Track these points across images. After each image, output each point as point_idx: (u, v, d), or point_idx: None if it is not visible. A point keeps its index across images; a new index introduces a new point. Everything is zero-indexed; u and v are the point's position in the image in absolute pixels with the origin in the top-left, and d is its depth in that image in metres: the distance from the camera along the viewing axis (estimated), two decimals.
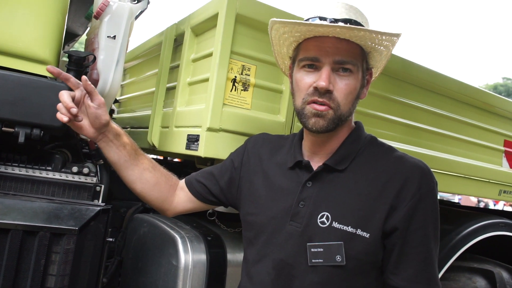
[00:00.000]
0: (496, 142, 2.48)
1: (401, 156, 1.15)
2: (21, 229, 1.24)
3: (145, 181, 1.33)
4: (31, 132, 1.36)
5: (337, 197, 1.12)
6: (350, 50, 1.10)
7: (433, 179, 1.11)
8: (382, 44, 1.11)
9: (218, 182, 1.35)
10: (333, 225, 1.09)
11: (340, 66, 1.10)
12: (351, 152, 1.17)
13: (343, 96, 1.10)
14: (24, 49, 1.37)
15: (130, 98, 2.66)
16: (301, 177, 1.19)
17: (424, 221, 1.07)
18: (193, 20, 1.76)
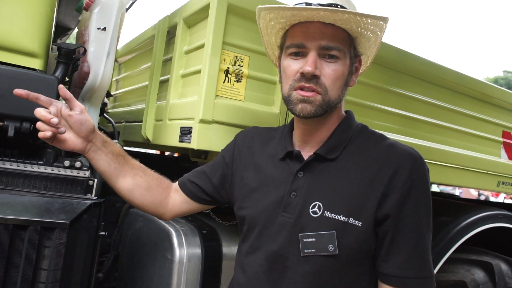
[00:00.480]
0: (494, 133, 2.46)
1: (392, 143, 1.14)
2: (11, 223, 1.23)
3: (137, 187, 1.29)
4: (21, 126, 1.34)
5: (329, 186, 1.11)
6: (336, 35, 1.09)
7: (424, 166, 1.10)
8: (369, 29, 1.10)
9: (211, 180, 1.33)
10: (325, 215, 1.08)
11: (326, 52, 1.09)
12: (342, 141, 1.16)
13: (331, 82, 1.09)
14: (12, 41, 1.35)
15: (125, 92, 2.64)
16: (292, 167, 1.18)
17: (416, 207, 1.06)
18: (185, 12, 1.74)
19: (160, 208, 1.35)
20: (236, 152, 1.32)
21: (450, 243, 2.14)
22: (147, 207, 1.34)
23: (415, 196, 1.06)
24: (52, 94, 1.37)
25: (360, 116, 1.84)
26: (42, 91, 1.35)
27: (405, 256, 1.06)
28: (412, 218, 1.06)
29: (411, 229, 1.06)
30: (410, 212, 1.06)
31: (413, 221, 1.06)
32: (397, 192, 1.05)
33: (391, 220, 1.05)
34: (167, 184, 1.39)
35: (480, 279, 2.32)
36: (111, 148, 1.27)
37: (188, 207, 1.38)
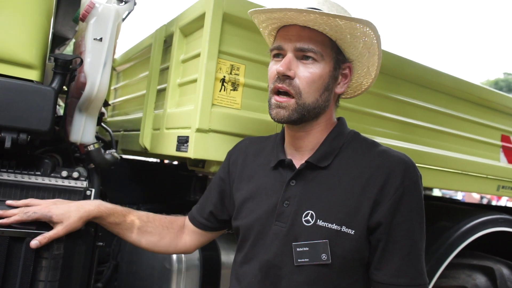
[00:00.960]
0: (493, 137, 2.46)
1: (384, 150, 1.14)
2: (8, 235, 1.23)
3: (148, 242, 1.34)
4: (18, 137, 1.34)
5: (321, 195, 1.10)
6: (313, 37, 1.09)
7: (416, 172, 1.10)
8: (345, 32, 1.09)
9: (212, 201, 1.36)
10: (317, 223, 1.07)
11: (302, 54, 1.10)
12: (334, 149, 1.15)
13: (305, 84, 1.09)
14: (9, 53, 1.35)
15: (123, 101, 2.64)
16: (285, 176, 1.18)
17: (409, 214, 1.06)
18: (181, 21, 1.75)
19: (179, 248, 1.39)
20: (231, 166, 1.33)
21: (451, 248, 2.13)
22: (166, 253, 1.44)
23: (408, 203, 1.05)
24: (49, 105, 1.37)
25: (358, 122, 1.86)
26: (39, 102, 1.36)
27: (397, 264, 1.05)
28: (405, 225, 1.05)
29: (404, 237, 1.05)
30: (403, 219, 1.05)
31: (406, 228, 1.05)
32: (389, 200, 1.05)
33: (384, 228, 1.05)
34: (179, 224, 1.41)
35: (481, 284, 2.31)
36: (114, 220, 1.30)
37: (205, 238, 1.41)
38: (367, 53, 1.17)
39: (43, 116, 1.37)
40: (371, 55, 1.18)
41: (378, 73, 1.23)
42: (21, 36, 1.37)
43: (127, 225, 1.32)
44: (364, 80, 1.27)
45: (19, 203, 1.28)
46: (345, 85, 1.18)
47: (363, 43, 1.13)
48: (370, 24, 1.08)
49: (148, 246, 1.35)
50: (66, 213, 1.23)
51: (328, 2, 1.14)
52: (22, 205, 1.27)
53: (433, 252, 2.10)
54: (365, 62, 1.20)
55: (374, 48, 1.15)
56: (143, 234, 1.33)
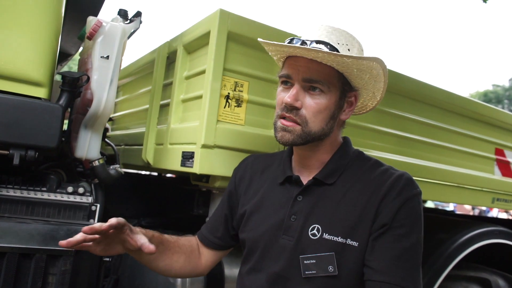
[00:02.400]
0: (487, 151, 2.51)
1: (386, 169, 1.19)
2: (17, 252, 1.24)
3: (176, 263, 1.30)
4: (26, 154, 1.36)
5: (327, 209, 1.15)
6: (320, 70, 1.13)
7: (416, 187, 1.14)
8: (351, 67, 1.12)
9: (224, 219, 1.37)
10: (323, 237, 1.11)
11: (310, 85, 1.14)
12: (339, 167, 1.20)
13: (311, 114, 1.13)
14: (18, 71, 1.38)
15: (124, 115, 2.66)
16: (292, 191, 1.22)
17: (404, 220, 1.08)
18: (185, 38, 1.79)
19: (198, 269, 1.38)
20: (238, 181, 1.37)
21: (448, 260, 2.16)
22: (189, 275, 1.40)
23: (405, 212, 1.09)
24: (57, 122, 1.40)
25: (356, 136, 1.90)
26: (47, 120, 1.38)
27: (387, 263, 1.06)
28: (400, 230, 1.08)
29: (397, 240, 1.07)
30: (399, 224, 1.08)
31: (400, 234, 1.07)
32: (388, 208, 1.09)
33: (384, 228, 1.08)
34: (196, 248, 1.40)
35: None
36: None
37: (218, 256, 1.42)
38: (373, 82, 1.21)
39: (51, 133, 1.39)
40: (377, 82, 1.22)
41: (383, 97, 1.28)
42: (30, 54, 1.40)
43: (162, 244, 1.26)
44: (369, 102, 1.33)
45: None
46: (350, 112, 1.22)
47: (369, 74, 1.18)
48: (377, 59, 1.12)
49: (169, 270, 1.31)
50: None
51: (337, 32, 1.18)
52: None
53: (431, 264, 2.13)
54: (371, 88, 1.24)
55: (380, 77, 1.20)
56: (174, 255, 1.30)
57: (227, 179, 1.64)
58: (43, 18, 1.41)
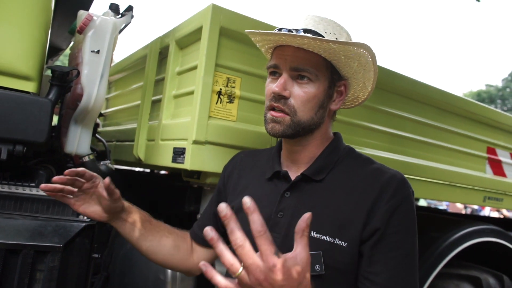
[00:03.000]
0: (479, 149, 2.52)
1: (378, 167, 1.16)
2: (3, 248, 1.22)
3: (163, 248, 1.32)
4: (14, 149, 1.34)
5: (315, 207, 1.13)
6: (307, 58, 1.12)
7: (408, 188, 1.12)
8: (339, 54, 1.11)
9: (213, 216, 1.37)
10: (311, 235, 1.09)
11: (297, 73, 1.12)
12: (329, 163, 1.18)
13: (300, 103, 1.12)
14: (6, 64, 1.35)
15: (115, 111, 2.64)
16: (280, 187, 1.20)
17: (399, 226, 1.07)
18: (177, 33, 1.77)
19: (189, 264, 1.37)
20: (226, 178, 1.36)
21: (439, 258, 2.16)
22: (176, 266, 1.37)
23: (399, 216, 1.07)
24: (45, 116, 1.38)
25: (348, 134, 1.89)
26: (35, 114, 1.36)
27: (386, 275, 1.05)
28: (395, 237, 1.06)
29: (393, 248, 1.06)
30: (393, 230, 1.06)
31: (396, 240, 1.06)
32: (381, 211, 1.07)
33: (375, 239, 1.06)
34: (190, 239, 1.41)
35: None
36: (135, 216, 1.30)
37: (211, 255, 1.39)
38: (362, 70, 1.19)
39: (40, 128, 1.37)
40: (366, 71, 1.20)
41: (374, 87, 1.25)
42: (19, 48, 1.38)
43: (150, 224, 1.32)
44: (360, 93, 1.30)
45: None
46: (340, 102, 1.20)
47: (357, 62, 1.16)
48: (364, 45, 1.11)
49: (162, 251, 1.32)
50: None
51: (324, 21, 1.16)
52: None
53: (422, 262, 2.13)
54: (361, 78, 1.22)
55: (369, 65, 1.18)
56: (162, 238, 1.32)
57: (218, 176, 1.63)
58: (32, 11, 1.39)
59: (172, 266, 1.38)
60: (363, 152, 1.89)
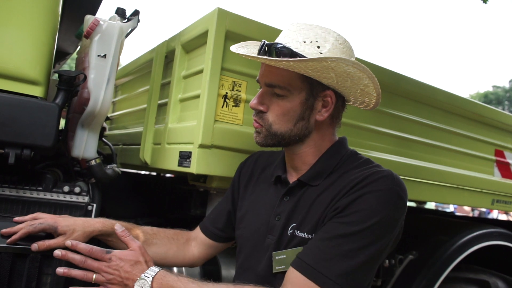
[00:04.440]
0: (487, 152, 2.50)
1: (370, 166, 1.14)
2: (11, 251, 1.23)
3: (155, 254, 1.35)
4: (21, 153, 1.34)
5: (304, 209, 1.16)
6: (280, 74, 1.13)
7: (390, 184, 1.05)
8: (305, 69, 1.07)
9: (226, 211, 1.42)
10: (295, 234, 1.14)
11: (273, 89, 1.15)
12: (326, 168, 1.19)
13: (275, 117, 1.15)
14: (14, 69, 1.36)
15: (121, 115, 2.65)
16: (280, 191, 1.24)
17: (355, 212, 1.02)
18: (183, 37, 1.77)
19: (187, 260, 1.43)
20: (241, 176, 1.41)
21: (447, 262, 2.15)
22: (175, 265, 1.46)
23: (361, 204, 1.03)
24: (53, 121, 1.38)
25: (355, 137, 1.89)
26: (43, 118, 1.37)
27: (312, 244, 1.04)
28: (344, 219, 1.03)
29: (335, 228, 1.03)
30: (349, 212, 1.03)
31: (343, 222, 1.03)
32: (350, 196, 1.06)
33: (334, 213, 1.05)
34: (185, 236, 1.45)
35: None
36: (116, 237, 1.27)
37: (215, 250, 1.46)
38: (349, 79, 1.12)
39: (47, 132, 1.38)
40: (356, 79, 1.13)
41: (380, 91, 1.19)
42: (27, 53, 1.38)
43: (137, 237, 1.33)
44: (365, 98, 1.23)
45: (26, 218, 1.28)
46: (326, 113, 1.17)
47: (334, 73, 1.09)
48: (326, 59, 1.03)
49: (156, 259, 1.36)
50: (72, 226, 1.24)
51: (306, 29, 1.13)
52: (29, 219, 1.27)
53: (430, 266, 2.12)
54: (352, 86, 1.15)
55: (355, 73, 1.10)
56: (149, 246, 1.35)
57: (224, 179, 1.63)
58: (40, 16, 1.40)
59: (168, 265, 1.43)
60: (370, 155, 1.89)
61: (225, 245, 1.46)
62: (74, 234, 1.23)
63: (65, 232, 1.23)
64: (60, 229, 1.22)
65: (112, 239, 1.32)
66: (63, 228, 1.23)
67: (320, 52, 1.10)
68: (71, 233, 1.23)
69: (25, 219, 1.28)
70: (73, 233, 1.23)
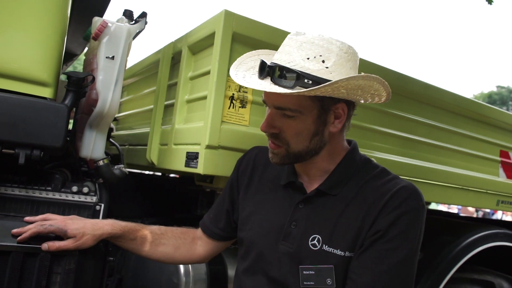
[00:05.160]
0: (492, 153, 2.50)
1: (391, 178, 1.15)
2: (21, 251, 1.24)
3: (163, 254, 1.38)
4: (31, 153, 1.36)
5: (328, 220, 1.13)
6: (289, 97, 1.09)
7: (418, 200, 1.09)
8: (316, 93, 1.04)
9: (226, 210, 1.40)
10: (323, 248, 1.11)
11: (283, 112, 1.11)
12: (344, 177, 1.18)
13: (290, 136, 1.13)
14: (24, 71, 1.38)
15: (128, 115, 2.67)
16: (294, 197, 1.21)
17: (397, 235, 1.05)
18: (190, 39, 1.79)
19: (194, 258, 1.44)
20: (240, 174, 1.39)
21: (452, 262, 2.15)
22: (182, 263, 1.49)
23: (401, 225, 1.05)
24: (62, 121, 1.40)
25: (361, 138, 1.89)
26: (52, 119, 1.39)
27: (370, 278, 1.04)
28: (390, 244, 1.05)
29: (385, 255, 1.04)
30: (390, 237, 1.05)
31: (390, 248, 1.04)
32: (386, 216, 1.06)
33: (377, 235, 1.05)
34: (191, 235, 1.45)
35: None
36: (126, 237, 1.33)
37: (219, 247, 1.46)
38: (359, 90, 1.11)
39: (56, 133, 1.40)
40: (366, 88, 1.11)
41: (390, 90, 1.15)
42: (36, 54, 1.40)
43: (140, 240, 1.35)
44: (375, 98, 1.21)
45: (36, 218, 1.30)
46: (340, 124, 1.16)
47: (345, 90, 1.07)
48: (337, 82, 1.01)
49: (164, 258, 1.38)
50: (81, 229, 1.25)
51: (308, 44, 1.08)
52: (39, 219, 1.29)
53: (435, 267, 2.12)
54: (362, 94, 1.14)
55: (365, 84, 1.09)
56: (158, 246, 1.36)
57: None
58: (49, 18, 1.42)
59: (176, 263, 1.46)
60: (376, 156, 1.90)
61: (229, 243, 1.47)
62: (83, 237, 1.25)
63: (75, 236, 1.25)
64: (70, 233, 1.24)
65: (121, 241, 1.33)
66: (72, 232, 1.24)
67: (326, 67, 1.06)
68: (81, 236, 1.25)
69: (35, 220, 1.29)
70: (82, 236, 1.25)
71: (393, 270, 1.04)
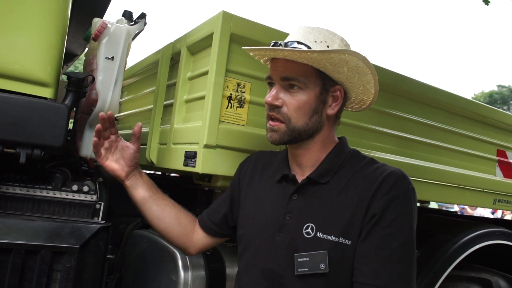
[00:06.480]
0: (489, 152, 2.52)
1: (379, 166, 1.21)
2: (22, 248, 1.27)
3: (167, 216, 1.43)
4: (32, 153, 1.39)
5: (321, 208, 1.18)
6: (296, 68, 1.18)
7: (407, 184, 1.15)
8: (323, 62, 1.15)
9: (224, 208, 1.45)
10: (317, 235, 1.15)
11: (288, 83, 1.19)
12: (334, 166, 1.23)
13: (292, 110, 1.19)
14: (25, 71, 1.40)
15: (128, 115, 2.69)
16: (287, 190, 1.26)
17: (393, 219, 1.10)
18: (189, 39, 1.81)
19: (187, 241, 1.47)
20: (241, 176, 1.43)
21: (449, 260, 2.17)
22: (176, 238, 1.46)
23: (395, 209, 1.10)
24: (62, 121, 1.42)
25: (358, 137, 1.92)
26: (52, 119, 1.41)
27: (376, 265, 1.08)
28: (389, 229, 1.09)
29: (386, 240, 1.09)
30: (388, 223, 1.09)
31: (389, 233, 1.09)
32: (379, 201, 1.11)
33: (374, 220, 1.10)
34: (192, 217, 1.51)
35: None
36: (146, 179, 1.45)
37: (211, 241, 1.50)
38: (357, 74, 1.22)
39: (57, 132, 1.42)
40: (362, 75, 1.23)
41: (378, 89, 1.29)
42: (37, 55, 1.42)
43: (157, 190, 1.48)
44: (364, 96, 1.33)
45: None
46: (336, 107, 1.25)
47: (346, 67, 1.19)
48: (345, 51, 1.14)
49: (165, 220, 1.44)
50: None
51: (315, 31, 1.21)
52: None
53: (432, 265, 2.14)
54: (358, 81, 1.25)
55: (362, 69, 1.21)
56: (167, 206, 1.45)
57: (229, 179, 1.66)
58: (50, 19, 1.44)
59: (171, 238, 1.46)
60: (373, 155, 1.91)
61: (221, 239, 1.52)
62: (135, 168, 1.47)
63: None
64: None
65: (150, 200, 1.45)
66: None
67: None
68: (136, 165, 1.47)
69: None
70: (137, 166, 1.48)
71: (396, 254, 1.08)
